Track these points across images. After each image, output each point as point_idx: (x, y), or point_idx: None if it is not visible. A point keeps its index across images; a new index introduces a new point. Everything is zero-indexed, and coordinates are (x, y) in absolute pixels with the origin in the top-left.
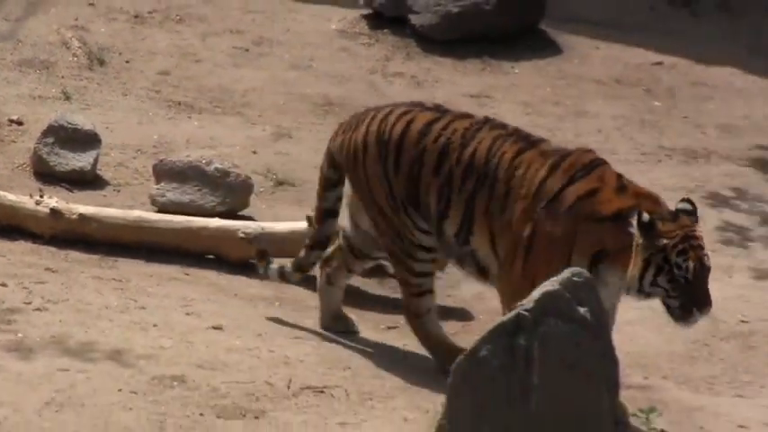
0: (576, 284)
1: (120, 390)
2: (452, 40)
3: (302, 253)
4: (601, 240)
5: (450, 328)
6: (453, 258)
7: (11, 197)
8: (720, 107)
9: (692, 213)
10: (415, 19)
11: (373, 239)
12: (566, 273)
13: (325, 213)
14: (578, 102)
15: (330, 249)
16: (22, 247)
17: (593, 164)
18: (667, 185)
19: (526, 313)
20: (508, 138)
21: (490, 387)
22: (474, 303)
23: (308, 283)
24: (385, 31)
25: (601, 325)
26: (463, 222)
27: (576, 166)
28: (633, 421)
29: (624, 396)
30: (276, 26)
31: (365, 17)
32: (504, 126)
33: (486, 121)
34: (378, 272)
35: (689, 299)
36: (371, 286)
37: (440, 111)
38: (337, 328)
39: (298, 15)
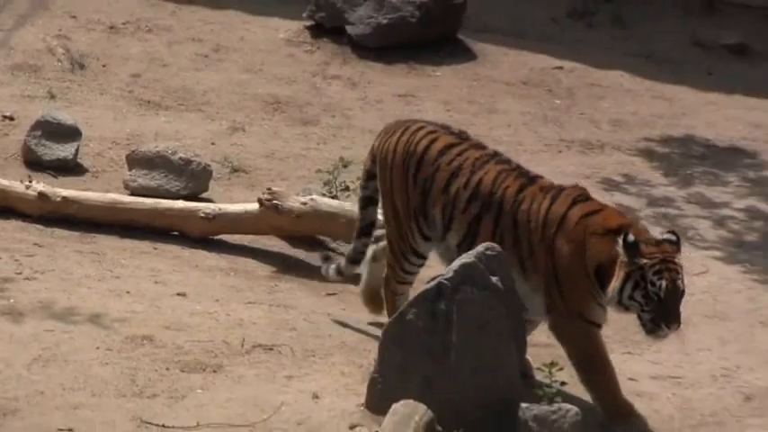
0: (489, 257)
1: (97, 348)
2: (383, 47)
3: (351, 244)
4: (602, 251)
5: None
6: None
7: (4, 182)
8: (612, 105)
9: (675, 243)
10: (350, 29)
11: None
12: (480, 247)
13: (366, 201)
14: (490, 100)
15: (381, 231)
16: (13, 225)
17: (587, 194)
18: (567, 172)
19: (446, 282)
20: (511, 173)
21: (415, 345)
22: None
23: (258, 255)
24: (325, 39)
25: (509, 291)
26: (466, 237)
27: (573, 195)
28: (537, 374)
29: (530, 353)
30: (232, 36)
31: (308, 28)
32: (508, 161)
33: (495, 155)
34: (319, 245)
35: (659, 315)
36: (314, 258)
37: (461, 137)
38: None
39: (250, 26)
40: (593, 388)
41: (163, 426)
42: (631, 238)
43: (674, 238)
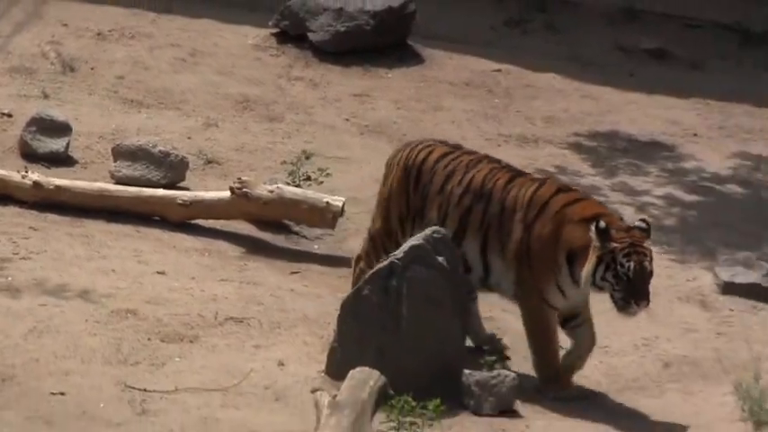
0: (436, 239)
1: (86, 320)
2: (341, 52)
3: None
4: (575, 238)
5: (338, 274)
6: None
7: (2, 172)
8: (545, 104)
9: (645, 230)
10: (312, 36)
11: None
12: (427, 230)
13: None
14: (436, 99)
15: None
16: (10, 210)
17: (565, 187)
18: None
19: (397, 261)
20: (501, 169)
21: (370, 318)
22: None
23: (229, 237)
24: (289, 45)
25: (454, 270)
26: (458, 230)
27: (557, 184)
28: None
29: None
30: (206, 41)
31: (274, 35)
32: (498, 161)
33: (486, 157)
34: (284, 229)
35: (629, 293)
36: (280, 241)
37: (454, 147)
38: (497, 349)
39: (222, 33)
40: (536, 353)
41: (144, 390)
42: (603, 224)
43: (644, 225)
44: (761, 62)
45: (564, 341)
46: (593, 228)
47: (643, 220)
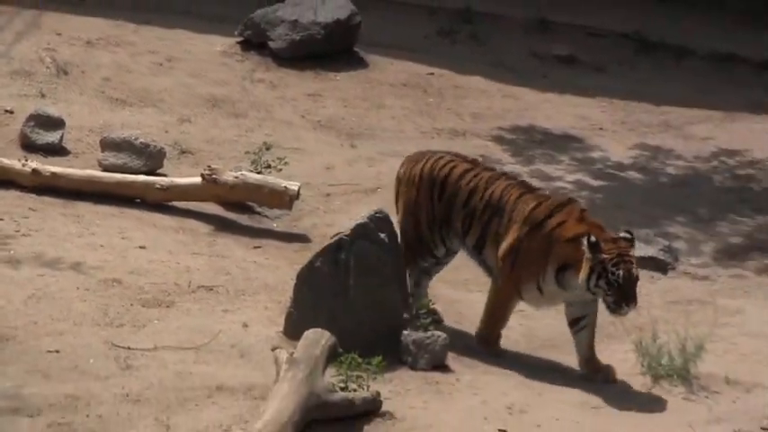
0: (378, 219)
1: (78, 288)
2: (296, 57)
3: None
4: (566, 254)
5: (294, 248)
6: (471, 256)
7: (5, 161)
8: (472, 102)
9: (629, 240)
10: (271, 44)
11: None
12: (371, 211)
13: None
14: (378, 98)
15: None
16: (12, 194)
17: (566, 203)
18: None
19: (346, 237)
20: (516, 185)
21: (322, 286)
22: (311, 230)
23: (200, 217)
24: (252, 52)
25: (393, 245)
26: (479, 239)
27: (554, 204)
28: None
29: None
30: (180, 48)
31: (239, 42)
32: (515, 177)
33: (504, 174)
34: (247, 209)
35: (620, 297)
36: (244, 220)
37: (475, 163)
38: (432, 317)
39: (194, 42)
40: (486, 318)
41: (128, 348)
42: (593, 239)
43: (629, 236)
44: (656, 66)
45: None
46: (584, 242)
47: (628, 231)
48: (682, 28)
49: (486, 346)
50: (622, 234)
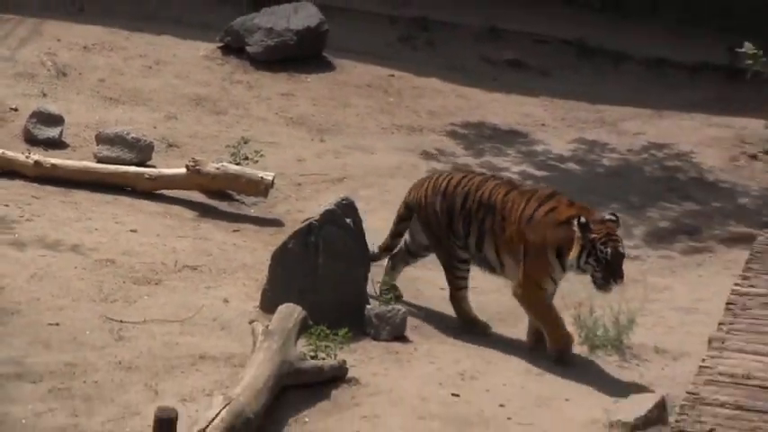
0: (345, 206)
1: (76, 267)
2: (271, 61)
3: (377, 251)
4: (560, 237)
5: (269, 231)
6: (474, 260)
7: (10, 153)
8: (428, 101)
9: (615, 221)
10: (249, 49)
11: (423, 247)
12: (337, 198)
13: (396, 234)
14: (345, 98)
15: (396, 250)
16: (17, 184)
17: (551, 194)
18: (398, 147)
19: (315, 222)
20: (502, 185)
21: (293, 266)
22: (285, 216)
23: (185, 204)
24: (231, 56)
25: (358, 229)
26: (479, 238)
27: (542, 196)
28: (381, 285)
29: (374, 273)
30: (167, 53)
31: (219, 48)
32: (500, 178)
33: (492, 176)
34: (227, 197)
35: (608, 273)
36: (224, 206)
37: (467, 173)
38: (393, 293)
39: (180, 47)
40: (547, 334)
41: (121, 321)
42: (583, 220)
43: (614, 218)
44: (595, 70)
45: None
46: (575, 222)
47: (613, 214)
48: (619, 35)
49: (566, 350)
50: (608, 216)
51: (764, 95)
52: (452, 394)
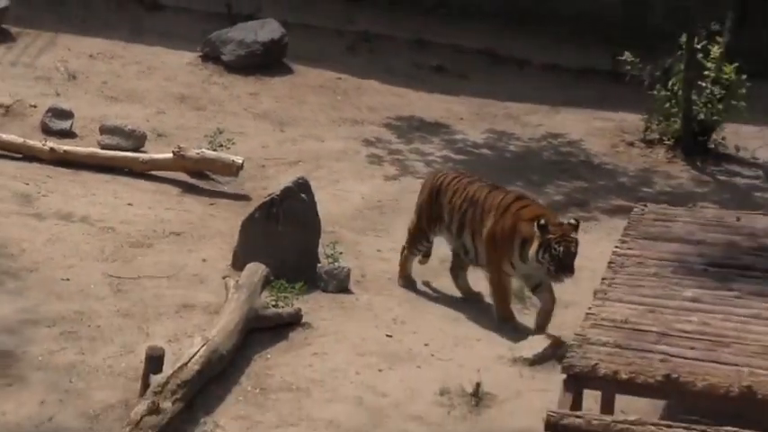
0: (300, 184)
1: (83, 234)
2: (241, 67)
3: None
4: (526, 231)
5: (240, 205)
6: (454, 245)
7: (30, 142)
8: (369, 99)
9: (575, 225)
10: (224, 57)
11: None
12: (294, 178)
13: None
14: (302, 97)
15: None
16: (35, 166)
17: (525, 196)
18: (344, 136)
19: (277, 197)
20: (486, 186)
21: (259, 233)
22: (252, 191)
23: (172, 182)
24: (209, 63)
25: (311, 202)
26: (459, 227)
27: (517, 194)
28: (329, 250)
29: (323, 238)
30: (158, 60)
31: (200, 56)
32: (485, 180)
33: (480, 179)
34: (205, 177)
35: (559, 268)
36: (203, 184)
37: (461, 174)
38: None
39: (168, 56)
40: (496, 304)
41: (119, 277)
42: (543, 222)
43: (574, 222)
44: (503, 74)
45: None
46: (536, 224)
47: (575, 219)
48: (523, 45)
49: (505, 321)
50: (570, 221)
51: (639, 94)
52: (386, 335)
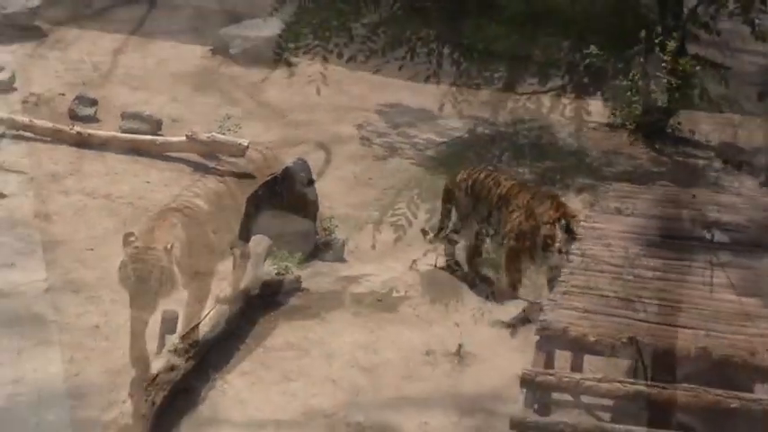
0: (300, 164)
1: (105, 209)
2: (247, 60)
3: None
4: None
5: (246, 182)
6: (478, 227)
7: (59, 126)
8: (358, 90)
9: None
10: (232, 51)
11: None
12: (295, 158)
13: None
14: (300, 86)
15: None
16: (64, 148)
17: (544, 192)
18: (338, 120)
19: (278, 176)
20: (516, 184)
21: (263, 207)
22: (256, 170)
23: (186, 162)
24: (219, 56)
25: (309, 181)
26: (488, 215)
27: (534, 190)
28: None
29: (321, 213)
30: (174, 53)
31: (211, 50)
32: (515, 179)
33: (510, 177)
34: (215, 158)
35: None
36: (213, 164)
37: (490, 171)
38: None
39: (183, 49)
40: (507, 272)
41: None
42: (565, 222)
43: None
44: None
45: None
46: (560, 223)
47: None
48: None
49: (511, 287)
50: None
51: (603, 84)
52: (377, 300)
